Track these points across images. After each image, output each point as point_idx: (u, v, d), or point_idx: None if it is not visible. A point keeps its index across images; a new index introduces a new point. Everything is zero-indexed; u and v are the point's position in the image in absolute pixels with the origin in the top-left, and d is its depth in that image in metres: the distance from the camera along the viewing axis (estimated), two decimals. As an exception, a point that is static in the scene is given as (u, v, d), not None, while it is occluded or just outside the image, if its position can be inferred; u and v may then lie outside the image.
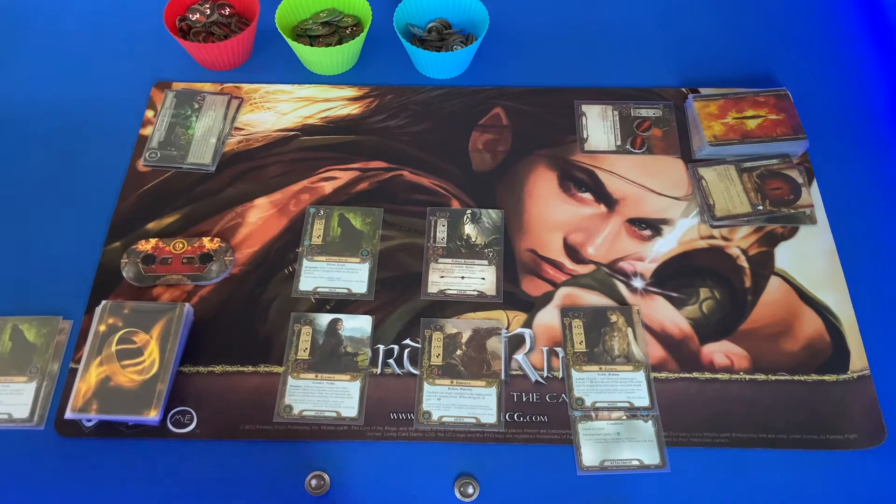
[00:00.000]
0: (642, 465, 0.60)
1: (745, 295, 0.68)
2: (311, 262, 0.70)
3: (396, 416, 0.62)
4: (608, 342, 0.65)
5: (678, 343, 0.66)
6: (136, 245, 0.71)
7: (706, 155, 0.75)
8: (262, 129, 0.79)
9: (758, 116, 0.76)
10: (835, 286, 0.68)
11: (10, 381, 0.63)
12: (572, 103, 0.80)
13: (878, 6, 0.88)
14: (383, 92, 0.82)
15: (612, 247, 0.71)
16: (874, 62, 0.84)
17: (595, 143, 0.77)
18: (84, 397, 0.60)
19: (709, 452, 0.61)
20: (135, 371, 0.61)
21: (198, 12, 0.84)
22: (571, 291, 0.68)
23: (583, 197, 0.74)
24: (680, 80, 0.82)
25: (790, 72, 0.83)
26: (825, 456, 0.60)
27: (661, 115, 0.79)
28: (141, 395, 0.60)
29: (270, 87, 0.82)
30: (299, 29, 0.84)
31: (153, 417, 0.59)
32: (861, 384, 0.63)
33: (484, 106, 0.81)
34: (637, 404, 0.62)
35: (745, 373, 0.64)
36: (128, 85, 0.83)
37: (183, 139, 0.77)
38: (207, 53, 0.81)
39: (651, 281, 0.69)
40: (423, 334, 0.66)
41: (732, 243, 0.71)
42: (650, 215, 0.72)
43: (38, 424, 0.62)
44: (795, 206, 0.72)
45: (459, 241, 0.71)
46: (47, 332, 0.66)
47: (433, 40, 0.83)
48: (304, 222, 0.72)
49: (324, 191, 0.74)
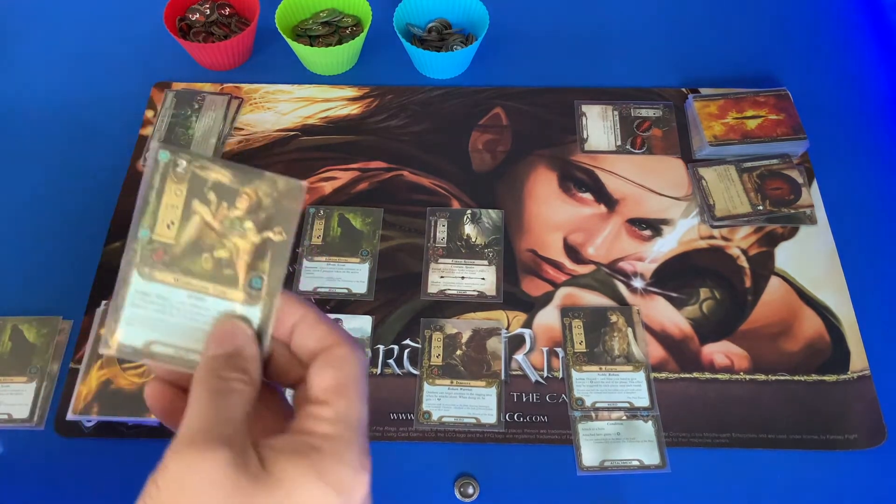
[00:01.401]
0: (642, 466, 0.60)
1: (746, 295, 0.68)
2: (310, 262, 0.70)
3: (396, 416, 0.62)
4: (608, 342, 0.65)
5: (678, 343, 0.66)
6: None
7: (706, 155, 0.75)
8: (262, 130, 0.79)
9: (758, 116, 0.76)
10: (835, 286, 0.68)
11: (9, 381, 0.63)
12: (572, 103, 0.80)
13: (879, 6, 0.88)
14: (383, 92, 0.82)
15: (612, 247, 0.71)
16: (875, 62, 0.84)
17: (595, 143, 0.77)
18: (85, 400, 0.60)
19: (709, 453, 0.61)
20: (135, 374, 0.61)
21: (197, 12, 0.84)
22: (571, 291, 0.68)
23: (583, 197, 0.74)
24: (680, 80, 0.82)
25: (790, 72, 0.83)
26: (825, 456, 0.60)
27: (662, 115, 0.79)
28: (142, 398, 0.60)
29: (270, 87, 0.82)
30: (299, 29, 0.84)
31: (154, 419, 0.59)
32: (861, 384, 0.63)
33: (484, 106, 0.81)
34: (637, 404, 0.62)
35: (746, 373, 0.64)
36: (127, 85, 0.83)
37: (183, 139, 0.77)
38: (207, 53, 0.81)
39: (651, 281, 0.69)
40: (423, 334, 0.66)
41: (732, 243, 0.71)
42: (650, 215, 0.72)
43: (37, 425, 0.62)
44: (795, 207, 0.72)
45: (459, 241, 0.71)
46: (47, 333, 0.66)
47: (433, 40, 0.83)
48: (304, 222, 0.72)
49: (324, 191, 0.74)
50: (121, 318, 0.30)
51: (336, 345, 0.30)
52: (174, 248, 0.30)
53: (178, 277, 0.30)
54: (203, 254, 0.30)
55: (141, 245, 0.30)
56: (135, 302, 0.30)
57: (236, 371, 0.29)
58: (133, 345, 0.30)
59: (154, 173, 0.30)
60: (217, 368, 0.29)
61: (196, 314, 0.31)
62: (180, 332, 0.30)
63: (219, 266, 0.31)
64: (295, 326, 0.31)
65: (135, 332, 0.30)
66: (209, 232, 0.30)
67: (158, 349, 0.30)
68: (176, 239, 0.30)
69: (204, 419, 0.28)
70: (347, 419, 0.29)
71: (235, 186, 0.30)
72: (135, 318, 0.30)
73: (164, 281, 0.30)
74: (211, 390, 0.28)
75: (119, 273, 0.30)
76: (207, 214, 0.30)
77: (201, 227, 0.30)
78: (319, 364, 0.30)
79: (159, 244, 0.30)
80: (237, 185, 0.30)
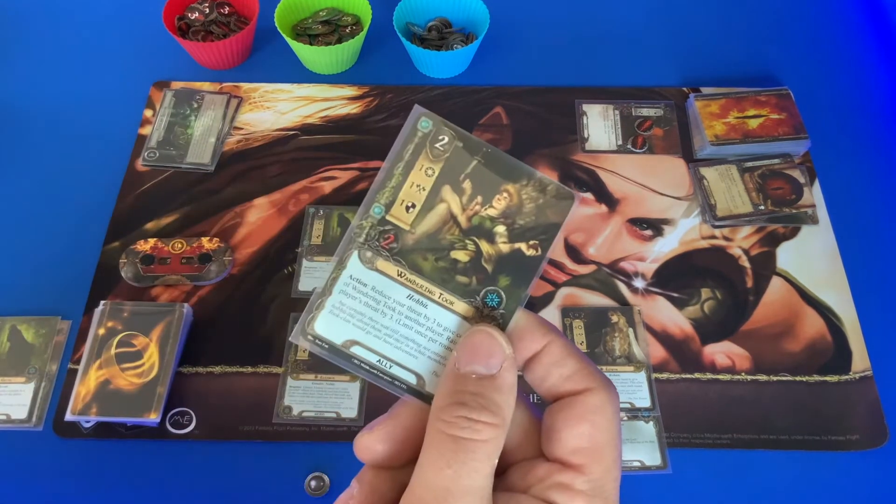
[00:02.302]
0: (643, 467, 0.60)
1: (747, 295, 0.68)
2: (310, 262, 0.69)
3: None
4: (609, 343, 0.65)
5: (679, 343, 0.65)
6: (134, 245, 0.70)
7: (707, 154, 0.75)
8: (261, 129, 0.79)
9: (759, 116, 0.76)
10: (837, 286, 0.68)
11: (8, 381, 0.63)
12: (573, 103, 0.80)
13: (880, 6, 0.88)
14: (383, 91, 0.82)
15: (613, 247, 0.70)
16: (876, 62, 0.84)
17: (596, 142, 0.77)
18: (83, 400, 0.59)
19: (710, 453, 0.60)
20: (134, 374, 0.61)
21: (197, 11, 0.83)
22: (572, 292, 0.68)
23: (583, 197, 0.73)
24: (681, 79, 0.82)
25: (792, 71, 0.83)
26: (827, 457, 0.60)
27: (663, 114, 0.79)
28: (141, 398, 0.60)
29: (269, 87, 0.82)
30: (299, 28, 0.84)
31: (153, 420, 0.59)
32: (863, 385, 0.63)
33: (484, 105, 0.80)
34: (638, 405, 0.62)
35: (747, 373, 0.64)
36: (126, 84, 0.82)
37: (182, 139, 0.77)
38: (206, 52, 0.81)
39: (652, 281, 0.68)
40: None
41: (734, 243, 0.71)
42: (651, 215, 0.72)
43: (36, 425, 0.62)
44: (797, 206, 0.71)
45: (460, 241, 0.71)
46: (46, 333, 0.65)
47: (433, 39, 0.83)
48: (304, 222, 0.72)
49: (323, 190, 0.74)
50: (325, 305, 0.26)
51: (590, 390, 0.24)
52: (408, 235, 0.26)
53: (402, 272, 0.26)
54: (439, 251, 0.26)
55: (371, 223, 0.26)
56: (346, 289, 0.26)
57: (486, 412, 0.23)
58: (331, 339, 0.26)
59: (408, 142, 0.25)
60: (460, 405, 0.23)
61: (412, 321, 0.26)
62: (390, 338, 0.26)
63: (453, 270, 0.26)
64: (536, 358, 0.25)
65: (338, 326, 0.26)
66: (453, 227, 0.26)
67: (359, 351, 0.26)
68: (413, 226, 0.26)
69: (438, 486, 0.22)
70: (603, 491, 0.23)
71: (497, 180, 0.26)
72: (342, 307, 0.26)
73: (387, 272, 0.26)
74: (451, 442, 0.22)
75: (337, 250, 0.26)
76: (456, 206, 0.26)
77: (445, 219, 0.26)
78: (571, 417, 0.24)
79: (392, 227, 0.26)
80: (499, 180, 0.26)
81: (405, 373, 0.26)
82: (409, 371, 0.26)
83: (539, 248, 0.26)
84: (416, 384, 0.26)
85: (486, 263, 0.26)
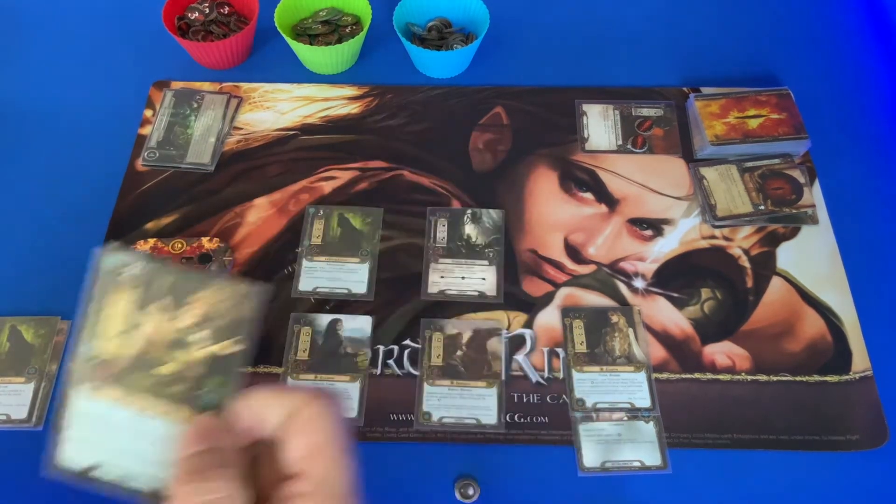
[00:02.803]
0: (643, 467, 0.60)
1: (747, 295, 0.68)
2: (310, 262, 0.69)
3: (396, 416, 0.62)
4: (609, 343, 0.65)
5: (679, 344, 0.65)
6: (134, 245, 0.70)
7: (708, 154, 0.75)
8: (261, 129, 0.79)
9: (759, 116, 0.76)
10: (837, 286, 0.68)
11: (7, 381, 0.63)
12: (573, 102, 0.80)
13: (880, 6, 0.88)
14: (383, 91, 0.82)
15: (613, 247, 0.70)
16: (877, 62, 0.84)
17: (596, 142, 0.77)
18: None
19: (710, 453, 0.60)
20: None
21: (197, 11, 0.83)
22: (572, 292, 0.68)
23: (584, 197, 0.73)
24: (681, 79, 0.82)
25: (792, 71, 0.83)
26: (827, 457, 0.60)
27: (663, 114, 0.79)
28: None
29: (269, 87, 0.82)
30: (299, 28, 0.84)
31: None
32: (863, 385, 0.63)
33: (484, 105, 0.80)
34: (638, 405, 0.62)
35: (747, 373, 0.64)
36: (126, 84, 0.82)
37: (182, 139, 0.77)
38: (206, 52, 0.81)
39: (652, 281, 0.68)
40: (423, 335, 0.65)
41: (734, 243, 0.70)
42: (651, 215, 0.72)
43: (36, 425, 0.62)
44: (797, 206, 0.71)
45: (459, 241, 0.71)
46: (45, 333, 0.65)
47: (433, 39, 0.83)
48: (304, 222, 0.72)
49: (323, 190, 0.74)
50: (63, 439, 0.29)
51: (300, 408, 0.28)
52: (119, 362, 0.28)
53: (121, 396, 0.28)
54: (149, 369, 0.28)
55: (82, 362, 0.28)
56: (77, 422, 0.28)
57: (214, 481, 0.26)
58: (74, 468, 0.29)
59: (95, 282, 0.28)
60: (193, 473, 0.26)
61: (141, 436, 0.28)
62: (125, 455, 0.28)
63: (165, 383, 0.28)
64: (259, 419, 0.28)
65: (78, 455, 0.29)
66: (157, 344, 0.28)
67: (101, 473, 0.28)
68: (120, 352, 0.28)
69: None
70: (327, 481, 0.27)
71: (192, 290, 0.28)
72: (77, 439, 0.29)
73: (109, 398, 0.28)
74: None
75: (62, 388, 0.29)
76: (157, 324, 0.28)
77: (149, 339, 0.28)
78: (288, 436, 0.27)
79: (101, 360, 0.28)
80: (195, 289, 0.28)
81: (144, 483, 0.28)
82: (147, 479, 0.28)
83: (240, 342, 0.28)
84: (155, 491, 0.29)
85: (194, 370, 0.28)
